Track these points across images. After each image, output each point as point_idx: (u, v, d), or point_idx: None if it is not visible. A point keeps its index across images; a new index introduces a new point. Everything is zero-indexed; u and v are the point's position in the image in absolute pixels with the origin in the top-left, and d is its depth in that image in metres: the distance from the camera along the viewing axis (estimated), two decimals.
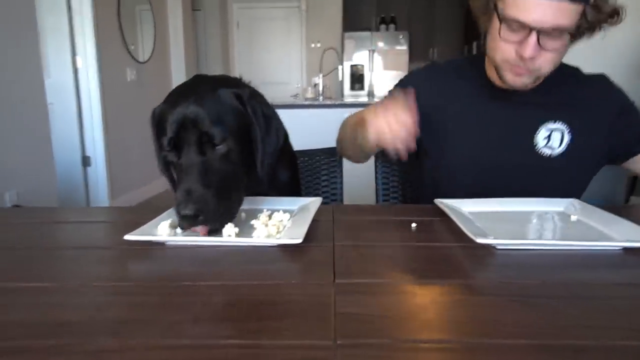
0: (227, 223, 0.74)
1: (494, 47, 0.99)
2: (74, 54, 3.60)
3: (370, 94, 6.54)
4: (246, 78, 0.98)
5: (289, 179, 1.09)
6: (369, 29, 6.79)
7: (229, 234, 0.71)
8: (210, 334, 0.46)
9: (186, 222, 0.70)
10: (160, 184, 4.65)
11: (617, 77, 1.09)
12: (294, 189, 1.13)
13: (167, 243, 0.72)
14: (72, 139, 3.61)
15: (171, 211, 0.84)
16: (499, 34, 0.95)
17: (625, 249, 0.67)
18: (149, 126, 0.81)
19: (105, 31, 3.71)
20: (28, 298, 0.55)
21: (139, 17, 4.27)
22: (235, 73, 6.54)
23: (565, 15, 0.89)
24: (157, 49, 4.57)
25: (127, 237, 0.70)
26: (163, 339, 0.45)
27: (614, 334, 0.45)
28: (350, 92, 6.71)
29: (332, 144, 1.54)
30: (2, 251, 0.74)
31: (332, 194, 1.46)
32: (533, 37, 0.91)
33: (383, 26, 6.87)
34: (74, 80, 3.61)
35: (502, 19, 0.94)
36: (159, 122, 0.78)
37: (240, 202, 0.79)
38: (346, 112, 4.55)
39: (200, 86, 0.80)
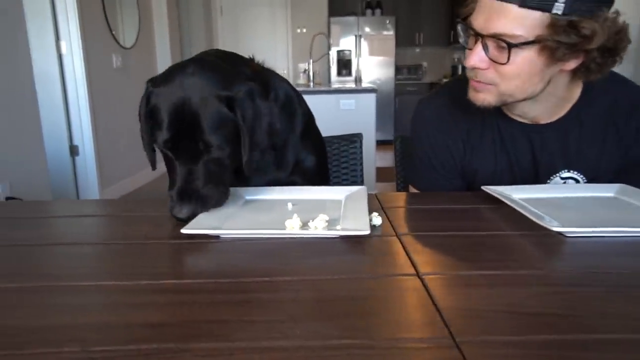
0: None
1: None
2: (57, 38, 3.45)
3: (358, 80, 6.49)
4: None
5: (315, 165, 1.06)
6: (354, 14, 6.72)
7: (292, 226, 0.68)
8: (318, 334, 0.43)
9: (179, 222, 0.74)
10: (150, 172, 4.54)
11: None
12: (321, 176, 1.10)
13: (222, 236, 0.69)
14: (58, 128, 3.48)
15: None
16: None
17: None
18: (137, 106, 0.81)
19: (88, 15, 3.56)
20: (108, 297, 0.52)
21: (121, 0, 4.11)
22: None
23: (513, 22, 0.78)
24: (141, 34, 4.43)
25: (184, 230, 0.67)
26: (270, 341, 0.42)
27: None
28: (337, 78, 6.66)
29: (331, 130, 1.53)
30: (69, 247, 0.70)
31: (352, 181, 1.44)
32: (478, 44, 0.84)
33: (369, 11, 6.81)
34: (59, 67, 3.46)
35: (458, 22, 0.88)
36: (152, 109, 0.78)
37: (226, 195, 0.81)
38: (340, 99, 4.44)
39: (195, 82, 0.77)
